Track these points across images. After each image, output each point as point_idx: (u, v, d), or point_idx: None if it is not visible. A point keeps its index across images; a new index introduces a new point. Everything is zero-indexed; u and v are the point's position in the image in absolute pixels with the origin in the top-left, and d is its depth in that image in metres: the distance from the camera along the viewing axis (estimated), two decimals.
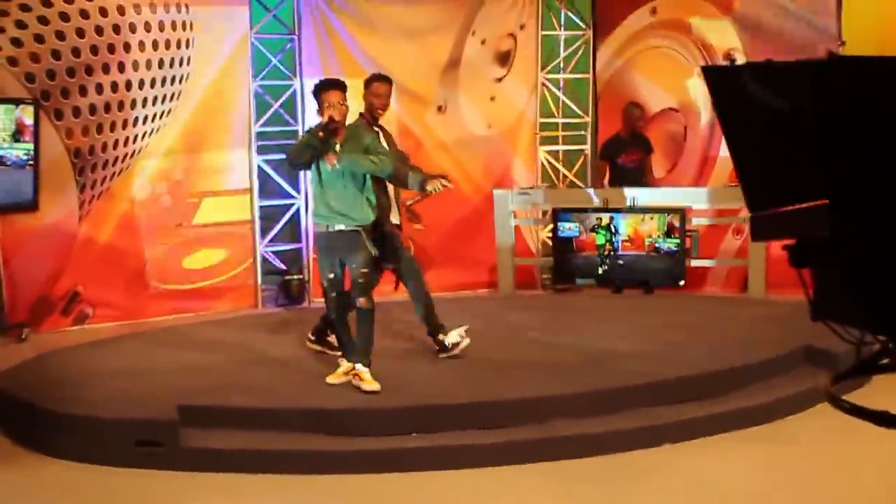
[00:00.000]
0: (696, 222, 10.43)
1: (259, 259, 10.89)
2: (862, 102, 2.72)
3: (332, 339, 7.37)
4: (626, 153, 10.86)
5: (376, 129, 7.30)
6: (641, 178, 10.90)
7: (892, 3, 10.59)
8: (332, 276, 6.80)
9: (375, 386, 6.52)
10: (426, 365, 7.23)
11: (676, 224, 9.92)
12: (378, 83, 7.39)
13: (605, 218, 10.11)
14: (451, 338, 7.38)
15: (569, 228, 10.28)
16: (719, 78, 3.13)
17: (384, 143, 7.22)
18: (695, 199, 10.53)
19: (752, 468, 5.94)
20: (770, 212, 3.02)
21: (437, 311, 7.51)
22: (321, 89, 6.67)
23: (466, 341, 7.36)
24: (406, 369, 7.11)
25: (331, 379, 6.77)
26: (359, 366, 6.64)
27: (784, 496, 5.49)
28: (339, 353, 7.01)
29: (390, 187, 7.44)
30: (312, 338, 7.71)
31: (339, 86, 6.69)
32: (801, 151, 2.89)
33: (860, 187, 2.71)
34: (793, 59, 3.02)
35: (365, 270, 6.70)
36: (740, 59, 10.92)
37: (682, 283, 9.96)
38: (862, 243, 2.68)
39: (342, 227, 6.71)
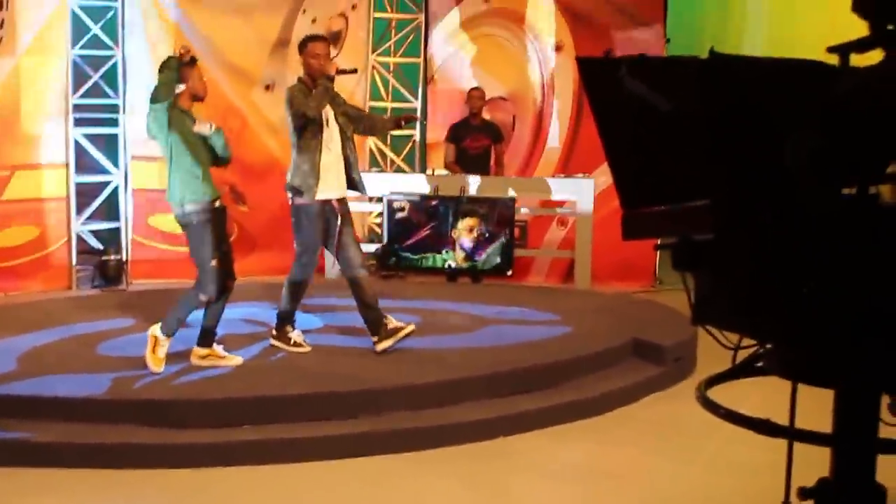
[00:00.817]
0: (524, 212, 10.48)
1: (74, 238, 10.40)
2: (746, 102, 2.68)
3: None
4: (471, 138, 10.75)
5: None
6: (486, 165, 10.75)
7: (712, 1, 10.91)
8: None
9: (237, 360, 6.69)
10: (261, 356, 6.98)
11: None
12: (314, 43, 6.96)
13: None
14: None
15: (415, 220, 10.14)
16: (594, 70, 3.05)
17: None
18: (523, 188, 10.55)
19: (583, 459, 5.97)
20: (645, 210, 2.96)
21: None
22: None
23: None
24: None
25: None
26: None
27: (610, 487, 5.52)
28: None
29: None
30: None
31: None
32: (680, 149, 2.84)
33: (742, 189, 2.67)
34: (665, 56, 2.97)
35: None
36: (568, 51, 11.08)
37: (510, 272, 9.97)
38: (742, 246, 2.65)
39: None
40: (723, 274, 2.67)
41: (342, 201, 7.06)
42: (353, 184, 7.09)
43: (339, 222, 6.99)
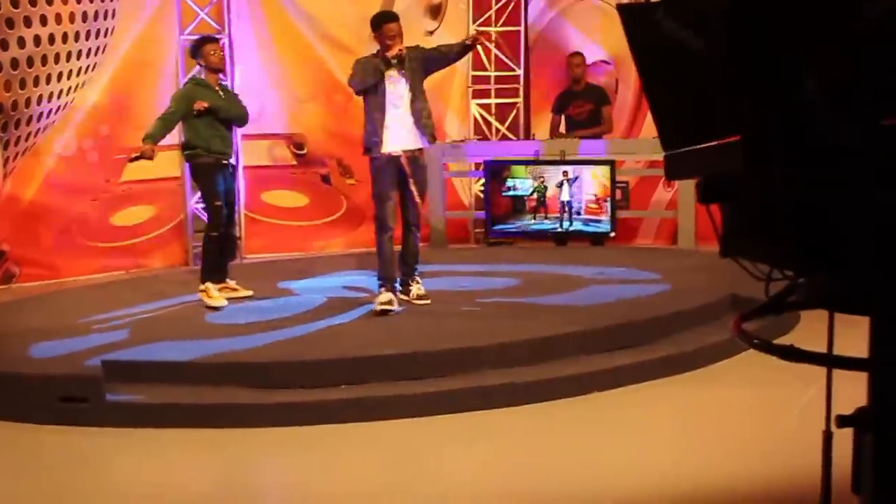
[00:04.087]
0: (629, 174, 10.47)
1: (190, 216, 10.76)
2: (773, 37, 2.71)
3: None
4: (574, 105, 10.77)
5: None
6: (594, 127, 10.70)
7: None
8: None
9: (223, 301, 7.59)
10: (356, 317, 7.18)
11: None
12: (388, 24, 7.43)
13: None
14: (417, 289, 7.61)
15: (515, 188, 10.24)
16: (633, 16, 3.11)
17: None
18: (625, 150, 10.54)
19: (677, 413, 6.01)
20: (683, 150, 3.01)
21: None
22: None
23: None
24: (334, 321, 7.06)
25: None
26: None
27: (706, 439, 5.54)
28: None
29: None
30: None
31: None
32: (715, 88, 2.88)
33: (771, 123, 2.71)
34: None
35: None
36: None
37: (612, 234, 9.98)
38: (770, 178, 2.68)
39: None
40: (752, 207, 2.71)
41: (411, 156, 7.39)
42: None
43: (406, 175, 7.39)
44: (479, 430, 5.72)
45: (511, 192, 10.19)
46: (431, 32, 11.75)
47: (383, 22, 7.42)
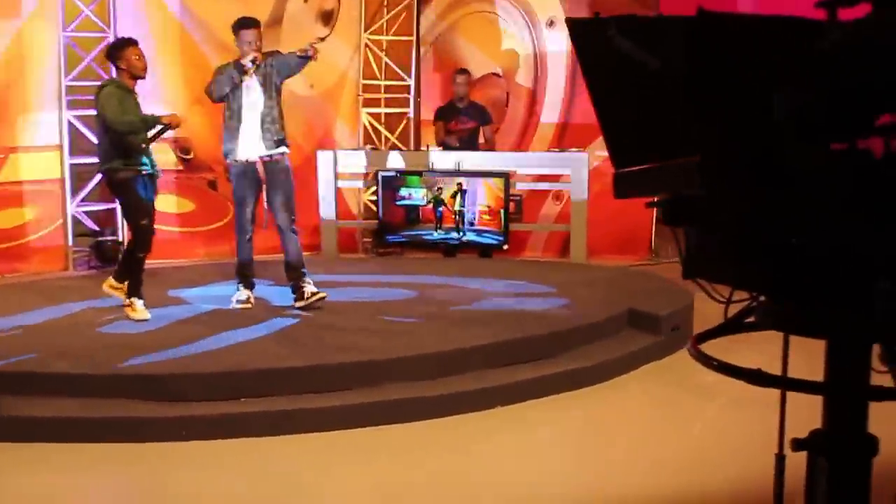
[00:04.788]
0: (520, 187, 10.50)
1: (70, 219, 10.41)
2: (733, 59, 2.70)
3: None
4: (456, 120, 10.75)
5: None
6: (474, 146, 10.71)
7: None
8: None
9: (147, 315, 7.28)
10: (254, 329, 7.01)
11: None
12: (245, 29, 7.50)
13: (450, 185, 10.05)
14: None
15: (410, 196, 10.17)
16: (585, 31, 3.07)
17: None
18: (518, 163, 10.59)
19: (581, 427, 6.03)
20: (636, 168, 2.98)
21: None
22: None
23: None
24: (229, 331, 6.88)
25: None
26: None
27: (612, 453, 5.56)
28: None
29: None
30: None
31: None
32: (670, 107, 2.85)
33: (731, 145, 2.70)
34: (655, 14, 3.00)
35: None
36: (561, 26, 11.06)
37: (505, 247, 9.99)
38: (731, 200, 2.67)
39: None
40: (713, 229, 2.70)
41: (268, 160, 7.55)
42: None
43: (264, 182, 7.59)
44: (382, 444, 5.63)
45: (405, 202, 10.11)
46: (323, 39, 11.57)
47: (241, 28, 7.52)
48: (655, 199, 3.00)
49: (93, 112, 10.29)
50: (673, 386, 6.56)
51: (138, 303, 7.36)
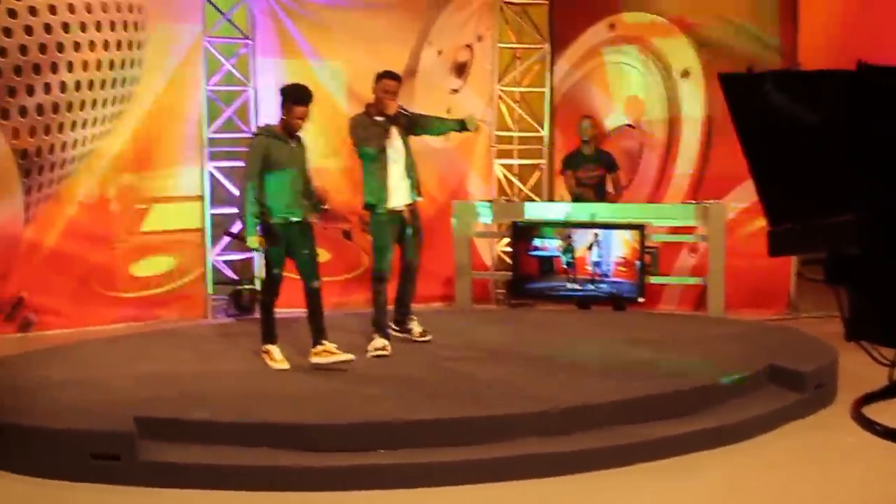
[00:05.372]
0: (655, 239, 10.38)
1: (209, 268, 10.65)
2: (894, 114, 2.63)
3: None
4: (584, 169, 10.74)
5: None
6: (602, 194, 10.73)
7: (844, 17, 10.65)
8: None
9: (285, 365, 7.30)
10: (392, 379, 7.04)
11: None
12: (389, 80, 7.83)
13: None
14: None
15: (545, 248, 10.16)
16: (738, 86, 3.02)
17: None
18: (653, 215, 10.49)
19: (723, 484, 5.87)
20: (792, 226, 2.90)
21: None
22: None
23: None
24: (371, 384, 6.91)
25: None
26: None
27: None
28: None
29: None
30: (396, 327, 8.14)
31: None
32: (829, 164, 2.78)
33: (893, 204, 2.61)
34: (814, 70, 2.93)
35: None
36: (696, 77, 10.96)
37: (641, 299, 9.88)
38: (892, 259, 2.58)
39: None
40: (873, 288, 2.61)
41: (412, 208, 8.06)
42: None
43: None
44: (515, 500, 5.56)
45: (539, 253, 10.10)
46: (456, 90, 11.72)
47: (385, 77, 7.84)
48: (809, 258, 2.92)
49: (233, 163, 10.64)
50: (818, 446, 6.35)
51: (275, 351, 7.43)
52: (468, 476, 5.74)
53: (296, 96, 7.35)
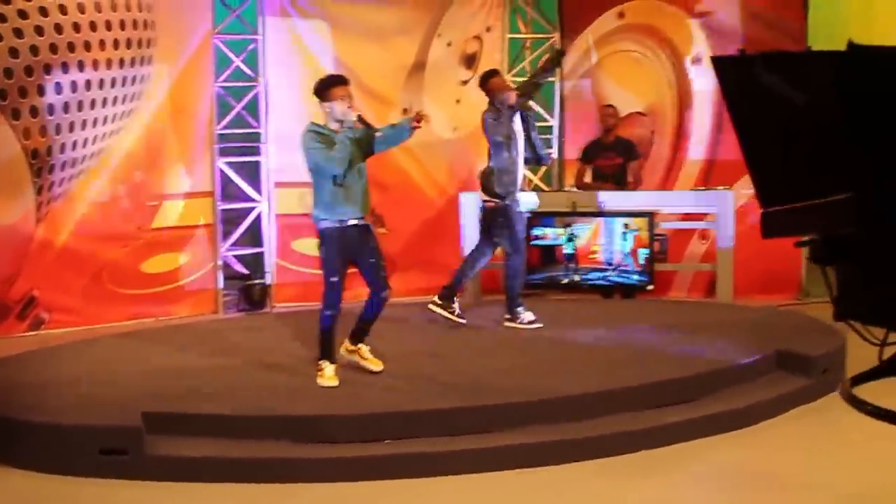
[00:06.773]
0: (664, 226, 10.35)
1: (220, 263, 10.68)
2: (886, 93, 2.61)
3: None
4: (603, 157, 10.72)
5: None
6: (622, 182, 10.70)
7: (856, 3, 10.60)
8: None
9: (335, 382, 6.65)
10: (399, 370, 7.05)
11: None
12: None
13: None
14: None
15: (546, 237, 10.16)
16: (730, 68, 3.02)
17: None
18: (662, 202, 10.47)
19: (732, 465, 5.90)
20: (785, 207, 2.90)
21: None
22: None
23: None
24: (377, 375, 6.92)
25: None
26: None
27: (756, 499, 5.40)
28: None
29: None
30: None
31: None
32: (820, 144, 2.77)
33: (887, 181, 2.60)
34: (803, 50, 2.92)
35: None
36: (707, 62, 10.92)
37: (650, 287, 9.86)
38: (888, 239, 2.57)
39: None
40: (868, 267, 2.60)
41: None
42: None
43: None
44: (527, 487, 5.56)
45: (539, 242, 10.10)
46: (466, 82, 11.71)
47: (495, 75, 8.72)
48: (805, 239, 2.92)
49: (242, 158, 10.67)
50: (825, 430, 6.33)
51: (328, 368, 6.75)
52: (480, 464, 5.75)
53: (328, 82, 6.96)
